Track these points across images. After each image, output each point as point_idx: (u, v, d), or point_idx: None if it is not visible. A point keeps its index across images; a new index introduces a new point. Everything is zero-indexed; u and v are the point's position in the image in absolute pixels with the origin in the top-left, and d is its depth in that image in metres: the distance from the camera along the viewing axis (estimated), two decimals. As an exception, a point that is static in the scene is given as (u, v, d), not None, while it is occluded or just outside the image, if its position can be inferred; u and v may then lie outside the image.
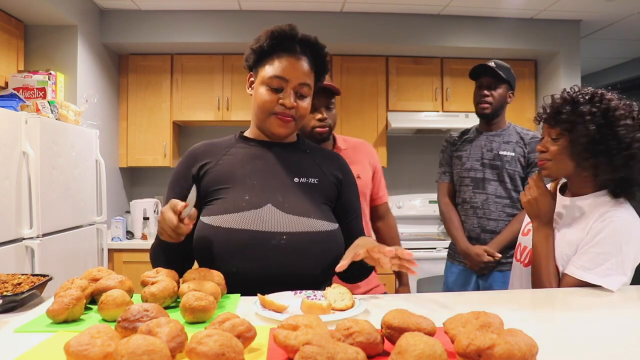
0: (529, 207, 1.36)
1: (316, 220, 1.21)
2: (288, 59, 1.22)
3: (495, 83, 2.16)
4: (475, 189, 2.18)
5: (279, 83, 1.22)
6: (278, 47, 1.23)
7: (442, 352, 0.64)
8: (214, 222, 1.17)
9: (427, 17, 3.59)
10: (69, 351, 0.66)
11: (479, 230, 2.17)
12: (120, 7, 3.41)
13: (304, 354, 0.63)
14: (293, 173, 1.27)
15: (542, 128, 1.39)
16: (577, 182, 1.35)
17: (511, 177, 2.13)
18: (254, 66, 1.28)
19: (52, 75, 2.86)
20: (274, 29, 1.23)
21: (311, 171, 1.30)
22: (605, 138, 1.24)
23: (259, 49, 1.24)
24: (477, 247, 2.12)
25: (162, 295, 0.97)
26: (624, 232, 1.23)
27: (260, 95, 1.24)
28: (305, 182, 1.27)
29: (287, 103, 1.22)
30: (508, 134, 2.19)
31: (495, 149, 2.17)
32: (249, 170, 1.25)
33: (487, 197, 2.15)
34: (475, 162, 2.20)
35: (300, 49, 1.24)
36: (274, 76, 1.22)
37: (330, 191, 1.31)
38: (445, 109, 3.78)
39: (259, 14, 3.50)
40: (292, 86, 1.23)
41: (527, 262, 1.40)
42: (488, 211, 2.15)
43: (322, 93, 1.75)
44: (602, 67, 5.09)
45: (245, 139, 1.34)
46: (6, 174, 2.17)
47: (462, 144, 2.29)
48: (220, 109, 3.66)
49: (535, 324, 0.96)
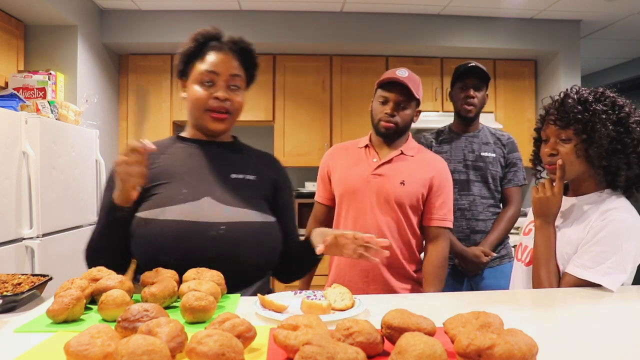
0: (538, 204, 1.34)
1: (254, 212, 1.24)
2: (217, 54, 1.28)
3: (480, 84, 2.13)
4: (460, 191, 2.15)
5: (210, 77, 1.26)
6: (205, 47, 1.28)
7: (442, 352, 0.64)
8: (152, 215, 1.18)
9: (427, 17, 3.59)
10: (69, 351, 0.66)
11: (468, 231, 2.15)
12: (120, 7, 3.41)
13: (304, 354, 0.63)
14: (230, 169, 1.30)
15: (543, 130, 1.37)
16: (581, 181, 1.35)
17: (493, 177, 2.15)
18: (184, 70, 1.31)
19: (52, 75, 2.86)
20: (199, 31, 1.29)
21: (248, 169, 1.34)
22: (621, 136, 1.24)
23: (187, 52, 1.29)
24: (474, 249, 2.10)
25: (162, 295, 0.97)
26: (625, 230, 1.23)
27: (194, 92, 1.27)
28: (242, 178, 1.31)
29: (220, 95, 1.26)
30: (485, 135, 2.19)
31: (477, 150, 2.16)
32: (186, 168, 1.27)
33: (474, 199, 2.15)
34: (458, 164, 2.16)
35: (227, 47, 1.29)
36: (205, 71, 1.26)
37: (266, 189, 1.34)
38: (445, 109, 3.78)
39: (259, 14, 3.50)
40: (224, 79, 1.27)
41: (528, 262, 1.40)
42: (476, 212, 2.15)
43: (399, 89, 1.68)
44: (602, 67, 5.09)
45: (183, 139, 1.36)
46: (6, 174, 2.17)
47: (440, 145, 2.23)
48: (220, 109, 3.66)
49: (535, 324, 0.96)
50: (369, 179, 1.71)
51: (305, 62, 3.74)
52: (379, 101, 1.73)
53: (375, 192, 1.69)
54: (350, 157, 1.80)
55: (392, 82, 1.68)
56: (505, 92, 3.86)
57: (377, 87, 1.75)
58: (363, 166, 1.75)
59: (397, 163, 1.73)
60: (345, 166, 1.79)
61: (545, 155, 1.34)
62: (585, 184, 1.34)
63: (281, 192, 1.39)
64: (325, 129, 3.73)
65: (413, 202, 1.70)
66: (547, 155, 1.33)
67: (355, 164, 1.77)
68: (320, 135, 3.72)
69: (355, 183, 1.73)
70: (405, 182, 1.69)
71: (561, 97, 1.32)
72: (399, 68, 1.74)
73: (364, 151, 1.79)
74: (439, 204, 1.73)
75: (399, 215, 1.70)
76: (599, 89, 1.32)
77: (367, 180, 1.71)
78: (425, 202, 1.73)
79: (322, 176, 1.86)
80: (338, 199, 1.76)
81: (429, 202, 1.73)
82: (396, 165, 1.73)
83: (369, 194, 1.71)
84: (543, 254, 1.31)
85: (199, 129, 1.33)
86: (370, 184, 1.70)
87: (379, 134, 1.75)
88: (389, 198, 1.69)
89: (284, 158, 3.67)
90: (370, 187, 1.70)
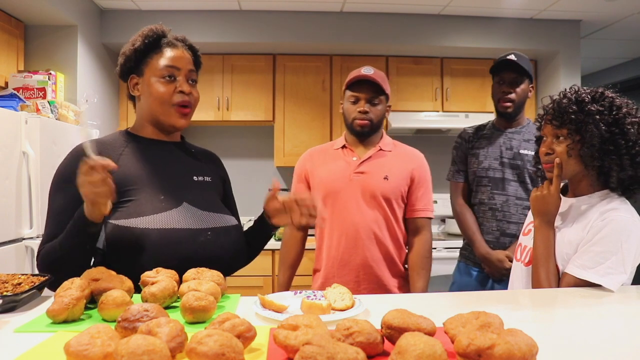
0: (536, 202, 1.35)
1: (228, 216, 1.32)
2: (174, 50, 1.29)
3: (518, 78, 1.99)
4: (494, 189, 2.04)
5: (171, 71, 1.27)
6: (158, 44, 1.29)
7: (442, 352, 0.64)
8: (137, 224, 1.16)
9: (427, 17, 3.59)
10: (69, 351, 0.66)
11: (498, 233, 2.03)
12: (120, 7, 3.41)
13: (304, 354, 0.63)
14: (191, 171, 1.33)
15: (542, 128, 1.38)
16: (578, 182, 1.35)
17: (532, 177, 2.01)
18: (135, 67, 1.30)
19: (52, 75, 2.86)
20: (150, 28, 1.29)
21: (203, 170, 1.37)
22: (614, 137, 1.24)
23: (140, 48, 1.28)
24: (499, 253, 1.99)
25: (162, 295, 0.97)
26: (624, 230, 1.23)
27: (156, 87, 1.27)
28: (202, 180, 1.34)
29: (185, 88, 1.28)
30: (528, 132, 2.06)
31: (516, 147, 2.03)
32: (152, 170, 1.27)
33: (507, 199, 2.02)
34: (494, 161, 2.05)
35: (180, 44, 1.31)
36: (166, 66, 1.27)
37: (220, 189, 1.42)
38: (445, 109, 3.78)
39: (259, 14, 3.50)
40: (184, 73, 1.29)
41: (527, 262, 1.40)
42: (508, 214, 2.01)
43: (367, 86, 1.71)
44: (602, 67, 5.09)
45: (136, 138, 1.33)
46: (6, 174, 2.17)
47: (478, 140, 2.13)
48: (220, 109, 3.66)
49: (535, 324, 0.96)
50: (352, 177, 1.73)
51: (305, 62, 3.74)
52: (350, 101, 1.75)
53: (360, 190, 1.71)
54: (329, 159, 1.82)
55: (361, 81, 1.71)
56: (505, 92, 3.86)
57: (345, 88, 1.77)
58: (343, 166, 1.76)
59: (377, 159, 1.77)
60: (324, 168, 1.80)
61: (542, 154, 1.36)
62: (582, 184, 1.34)
63: (228, 187, 1.48)
64: (325, 129, 3.73)
65: (398, 196, 1.74)
66: (544, 155, 1.35)
67: (335, 165, 1.79)
68: (320, 135, 3.72)
69: (337, 184, 1.74)
70: (389, 177, 1.73)
71: (559, 96, 1.33)
72: (364, 67, 1.76)
73: (341, 152, 1.81)
74: (421, 195, 1.78)
75: (386, 210, 1.73)
76: (599, 89, 1.32)
77: (350, 179, 1.73)
78: (407, 195, 1.78)
79: (299, 180, 1.86)
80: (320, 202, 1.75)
81: (411, 195, 1.78)
82: (377, 162, 1.77)
83: (353, 192, 1.72)
84: (542, 254, 1.31)
85: (160, 125, 1.32)
86: (353, 183, 1.72)
87: (355, 133, 1.77)
88: (375, 194, 1.71)
89: (284, 158, 3.68)
90: (353, 186, 1.71)
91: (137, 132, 1.34)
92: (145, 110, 1.31)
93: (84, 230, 1.11)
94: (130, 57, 1.29)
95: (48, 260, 1.17)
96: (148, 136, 1.34)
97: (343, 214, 1.73)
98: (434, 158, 4.21)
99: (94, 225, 1.11)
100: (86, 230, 1.11)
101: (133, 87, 1.32)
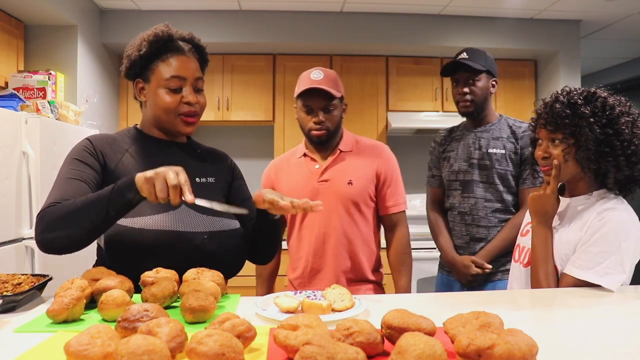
0: (534, 203, 1.35)
1: (227, 219, 1.29)
2: (179, 58, 1.27)
3: (471, 76, 1.92)
4: (463, 192, 1.95)
5: (178, 83, 1.26)
6: (164, 50, 1.27)
7: (442, 352, 0.64)
8: (133, 224, 1.17)
9: (427, 17, 3.59)
10: (69, 351, 0.66)
11: (467, 238, 1.94)
12: (120, 7, 3.41)
13: (304, 354, 0.63)
14: (194, 173, 1.31)
15: (537, 132, 1.37)
16: (575, 183, 1.35)
17: (502, 177, 1.90)
18: (140, 73, 1.29)
19: (52, 75, 2.86)
20: (155, 32, 1.26)
21: (207, 171, 1.37)
22: (610, 139, 1.24)
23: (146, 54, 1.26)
24: (465, 258, 1.91)
25: (162, 295, 0.97)
26: (622, 229, 1.23)
27: (162, 98, 1.26)
28: (205, 181, 1.34)
29: (191, 100, 1.27)
30: (498, 129, 1.96)
31: (484, 146, 1.93)
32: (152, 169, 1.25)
33: (476, 202, 1.92)
34: (463, 163, 1.97)
35: (186, 48, 1.29)
36: (172, 77, 1.26)
37: (225, 190, 1.41)
38: (445, 109, 3.78)
39: (259, 14, 3.50)
40: (190, 82, 1.28)
41: (526, 263, 1.40)
42: (477, 217, 1.91)
43: (318, 95, 1.65)
44: (602, 67, 5.09)
45: (144, 136, 1.34)
46: (6, 174, 2.17)
47: (450, 143, 2.07)
48: (221, 109, 3.66)
49: (535, 324, 0.96)
50: (316, 187, 1.70)
51: (305, 62, 3.73)
52: (303, 111, 1.69)
53: (327, 199, 1.63)
54: (293, 170, 1.77)
55: (312, 90, 1.64)
56: (505, 92, 3.86)
57: (296, 97, 1.70)
58: (307, 176, 1.73)
59: (339, 164, 1.73)
60: (289, 180, 1.75)
61: (539, 158, 1.36)
62: (579, 185, 1.35)
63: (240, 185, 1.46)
64: (325, 129, 3.73)
65: (365, 198, 1.71)
66: (541, 158, 1.35)
67: (299, 176, 1.75)
68: (320, 135, 3.72)
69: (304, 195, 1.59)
70: (353, 181, 1.70)
71: (551, 100, 1.32)
72: (312, 70, 1.68)
73: (303, 160, 1.77)
74: (391, 191, 1.74)
75: (356, 214, 1.70)
76: (590, 89, 1.32)
77: (316, 189, 1.70)
78: (376, 193, 1.74)
79: None
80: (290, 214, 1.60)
81: (380, 193, 1.75)
82: (339, 167, 1.72)
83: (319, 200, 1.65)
84: (541, 255, 1.31)
85: (165, 131, 1.33)
86: (319, 193, 1.68)
87: (313, 143, 1.74)
88: (344, 200, 1.69)
89: (284, 158, 3.67)
90: (320, 196, 1.66)
91: (145, 131, 1.36)
92: (151, 116, 1.32)
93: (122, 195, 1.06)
94: (135, 62, 1.28)
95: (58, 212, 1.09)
96: (155, 136, 1.35)
97: (315, 224, 1.69)
98: (434, 158, 4.24)
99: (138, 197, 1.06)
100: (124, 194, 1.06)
101: (139, 92, 1.32)
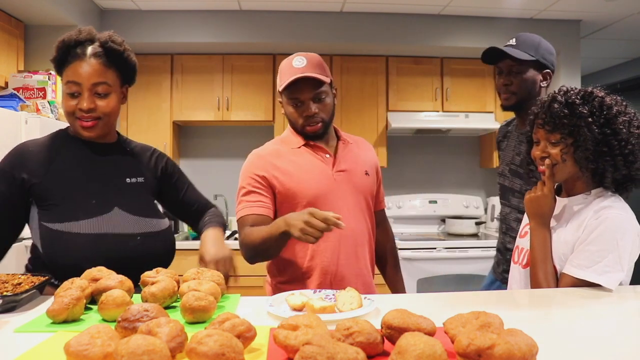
0: (531, 204, 1.36)
1: (158, 220, 1.34)
2: (76, 64, 1.27)
3: (516, 66, 1.63)
4: (502, 198, 1.79)
5: (73, 88, 1.27)
6: (68, 54, 1.29)
7: (442, 352, 0.64)
8: (68, 229, 1.20)
9: (427, 17, 3.59)
10: (69, 351, 0.66)
11: (501, 246, 1.76)
12: (120, 7, 3.41)
13: (304, 354, 0.63)
14: (124, 174, 1.35)
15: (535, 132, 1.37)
16: (572, 182, 1.35)
17: None
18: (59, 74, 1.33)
19: (52, 75, 2.86)
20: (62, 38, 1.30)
21: (136, 170, 1.39)
22: (607, 139, 1.24)
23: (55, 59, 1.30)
24: None
25: (162, 295, 0.97)
26: (619, 227, 1.23)
27: (63, 102, 1.29)
28: (135, 182, 1.36)
29: (83, 106, 1.26)
30: None
31: (524, 152, 1.57)
32: (84, 173, 1.29)
33: (510, 211, 1.73)
34: (505, 167, 1.76)
35: (89, 51, 1.28)
36: (67, 82, 1.27)
37: (154, 187, 1.43)
38: (445, 109, 3.78)
39: (259, 14, 3.50)
40: (87, 88, 1.26)
41: (525, 264, 1.40)
42: (510, 228, 1.71)
43: (305, 84, 1.44)
44: (602, 67, 5.09)
45: (73, 139, 1.34)
46: (6, 174, 2.17)
47: (503, 139, 1.83)
48: (220, 109, 3.66)
49: (535, 324, 0.96)
50: (335, 177, 1.49)
51: (305, 62, 3.74)
52: (291, 105, 1.48)
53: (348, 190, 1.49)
54: (296, 159, 1.50)
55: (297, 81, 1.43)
56: (505, 92, 3.86)
57: (281, 91, 1.49)
58: (319, 165, 1.50)
59: (349, 153, 1.57)
60: (297, 169, 1.49)
61: (537, 158, 1.36)
62: (577, 185, 1.35)
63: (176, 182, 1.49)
64: (325, 129, 3.73)
65: (373, 191, 1.60)
66: (539, 158, 1.34)
67: (308, 165, 1.50)
68: (320, 135, 3.72)
69: (322, 185, 1.47)
70: (369, 172, 1.57)
71: (549, 100, 1.32)
72: (293, 57, 1.48)
73: (306, 150, 1.52)
74: (379, 186, 1.67)
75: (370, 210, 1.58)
76: (587, 89, 1.32)
77: (333, 178, 1.49)
78: None
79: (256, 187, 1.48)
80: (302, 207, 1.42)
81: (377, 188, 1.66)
82: (350, 157, 1.55)
83: (340, 193, 1.49)
84: (539, 255, 1.31)
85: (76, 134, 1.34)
86: (338, 183, 1.49)
87: (309, 139, 1.53)
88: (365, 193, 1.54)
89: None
90: (339, 186, 1.48)
91: (72, 133, 1.36)
92: None
93: None
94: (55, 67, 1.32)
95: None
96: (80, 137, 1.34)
97: None
98: (434, 158, 4.24)
99: None
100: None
101: None
